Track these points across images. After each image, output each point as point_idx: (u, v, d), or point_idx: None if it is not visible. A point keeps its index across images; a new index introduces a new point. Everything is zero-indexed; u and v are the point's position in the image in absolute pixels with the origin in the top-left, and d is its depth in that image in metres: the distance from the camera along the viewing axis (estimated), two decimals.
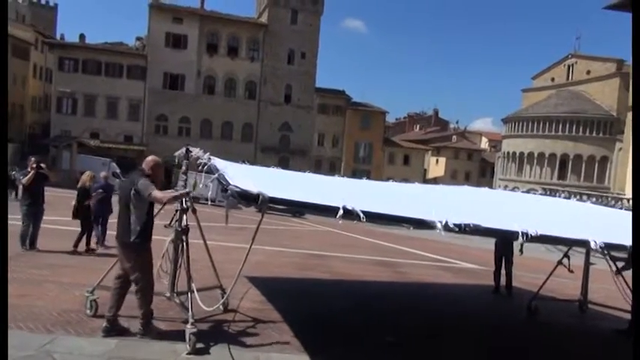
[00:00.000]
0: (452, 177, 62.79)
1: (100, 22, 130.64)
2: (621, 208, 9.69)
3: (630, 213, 6.86)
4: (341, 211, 3.22)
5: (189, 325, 4.12)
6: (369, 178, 10.27)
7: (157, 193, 4.12)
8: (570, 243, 4.21)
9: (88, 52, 41.77)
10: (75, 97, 40.16)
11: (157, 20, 43.03)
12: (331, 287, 8.32)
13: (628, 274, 6.71)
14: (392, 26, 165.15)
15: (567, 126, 40.51)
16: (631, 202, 29.06)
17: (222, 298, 5.21)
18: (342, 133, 51.18)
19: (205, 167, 4.11)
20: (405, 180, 54.80)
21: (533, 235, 3.48)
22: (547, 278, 7.26)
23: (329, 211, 3.36)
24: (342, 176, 8.36)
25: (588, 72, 43.57)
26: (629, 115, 34.41)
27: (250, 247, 4.60)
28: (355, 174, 47.29)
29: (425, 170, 63.62)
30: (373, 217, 3.38)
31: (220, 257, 5.50)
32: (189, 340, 4.04)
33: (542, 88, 48.15)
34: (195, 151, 4.59)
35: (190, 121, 44.49)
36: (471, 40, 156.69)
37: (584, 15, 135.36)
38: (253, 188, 3.27)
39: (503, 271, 8.36)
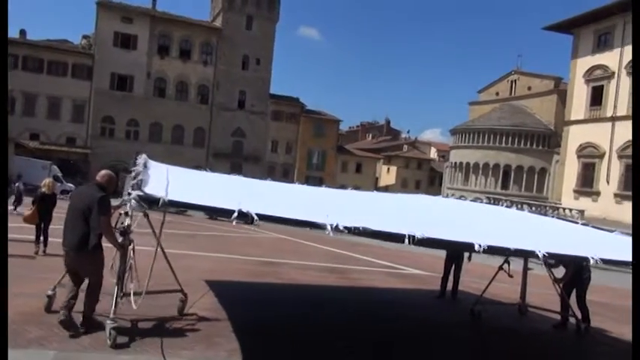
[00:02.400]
0: (402, 185, 64.23)
1: (43, 18, 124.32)
2: (553, 217, 10.29)
3: (566, 222, 7.33)
4: (236, 214, 3.38)
5: (109, 321, 4.28)
6: (321, 184, 10.39)
7: (103, 224, 4.36)
8: (518, 254, 4.47)
9: (28, 49, 39.63)
10: (12, 95, 37.89)
11: (105, 19, 41.54)
12: (281, 294, 8.29)
13: (561, 275, 7.15)
14: (346, 35, 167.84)
15: (510, 138, 42.59)
16: (567, 210, 30.93)
17: (181, 302, 5.47)
18: (296, 140, 51.30)
19: (138, 176, 4.10)
20: (357, 188, 55.32)
21: (483, 247, 3.66)
22: (489, 283, 7.60)
23: (224, 213, 3.51)
24: (296, 182, 8.42)
25: (529, 88, 46.12)
26: (565, 129, 36.70)
27: (156, 250, 5.00)
28: (308, 180, 47.45)
29: (377, 178, 64.80)
30: (267, 220, 3.52)
31: (162, 264, 5.39)
32: (109, 334, 4.23)
33: (487, 101, 50.42)
34: (141, 159, 4.72)
35: (139, 124, 43.10)
36: (422, 53, 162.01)
37: (526, 34, 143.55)
38: (158, 192, 3.49)
39: (451, 277, 8.64)
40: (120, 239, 4.54)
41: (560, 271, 7.17)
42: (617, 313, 9.15)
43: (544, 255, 3.78)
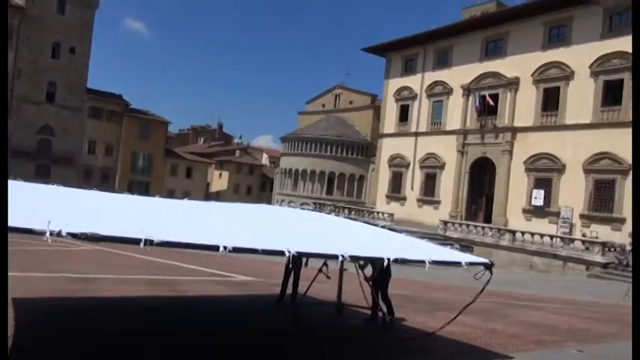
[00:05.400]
0: (234, 191, 64.15)
1: None
2: (367, 220, 11.45)
3: (370, 226, 8.15)
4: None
5: None
6: (147, 190, 9.68)
7: None
8: (326, 257, 4.74)
9: None
10: None
11: None
12: (97, 311, 7.42)
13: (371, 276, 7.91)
14: (177, 32, 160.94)
15: (334, 148, 46.09)
16: (380, 213, 34.67)
17: None
18: (118, 141, 47.04)
19: None
20: (187, 193, 53.42)
21: (295, 252, 3.80)
22: (309, 286, 8.03)
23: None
24: (117, 187, 7.64)
25: (351, 102, 50.69)
26: (379, 141, 41.27)
27: None
28: (132, 186, 43.94)
29: (208, 184, 63.43)
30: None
31: None
32: None
33: (314, 112, 53.78)
34: None
35: None
36: (257, 60, 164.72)
37: (352, 51, 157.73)
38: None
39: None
40: None
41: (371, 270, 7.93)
42: (418, 304, 10.52)
43: (344, 257, 4.12)
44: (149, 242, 3.22)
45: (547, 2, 28.67)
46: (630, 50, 25.15)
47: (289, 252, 3.71)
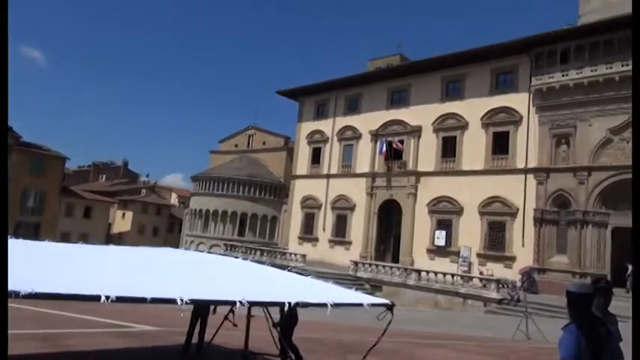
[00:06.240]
0: (139, 232, 60.48)
1: None
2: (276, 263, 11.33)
3: (275, 270, 8.04)
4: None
5: None
6: (37, 232, 8.69)
7: None
8: (223, 303, 4.59)
9: None
10: None
11: None
12: None
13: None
14: (78, 64, 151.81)
15: (247, 188, 45.62)
16: (292, 255, 34.48)
17: None
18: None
19: None
20: (85, 236, 49.28)
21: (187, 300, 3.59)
22: (216, 332, 7.62)
23: None
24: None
25: (264, 143, 50.97)
26: (292, 182, 41.67)
27: None
28: (19, 228, 39.62)
29: (109, 224, 59.21)
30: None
31: None
32: None
33: (227, 151, 53.20)
34: None
35: None
36: (168, 96, 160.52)
37: (265, 93, 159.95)
38: None
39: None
40: None
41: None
42: (328, 347, 10.42)
43: (242, 303, 3.97)
44: (14, 294, 2.85)
45: (444, 59, 31.67)
46: (513, 106, 28.41)
47: (182, 300, 3.48)
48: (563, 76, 26.24)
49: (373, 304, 5.46)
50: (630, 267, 22.96)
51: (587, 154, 25.00)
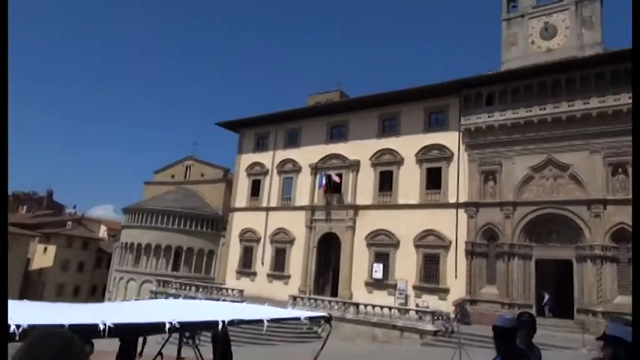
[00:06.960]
0: (62, 268, 56.40)
1: None
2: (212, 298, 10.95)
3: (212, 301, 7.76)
4: None
5: None
6: None
7: None
8: (151, 326, 4.37)
9: None
10: None
11: None
12: None
13: None
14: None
15: (183, 221, 44.04)
16: (229, 290, 33.42)
17: None
18: None
19: None
20: None
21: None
22: None
23: None
24: None
25: (202, 174, 49.81)
26: (231, 214, 40.82)
27: None
28: None
29: (29, 260, 54.71)
30: None
31: None
32: None
33: (163, 182, 51.33)
34: None
35: None
36: (100, 124, 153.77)
37: (204, 124, 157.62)
38: None
39: None
40: None
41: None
42: None
43: (172, 324, 3.76)
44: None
45: (381, 97, 33.00)
46: (445, 143, 29.98)
47: (104, 324, 3.21)
48: (489, 117, 28.17)
49: (311, 318, 5.52)
50: (547, 295, 24.72)
51: (512, 190, 26.71)
